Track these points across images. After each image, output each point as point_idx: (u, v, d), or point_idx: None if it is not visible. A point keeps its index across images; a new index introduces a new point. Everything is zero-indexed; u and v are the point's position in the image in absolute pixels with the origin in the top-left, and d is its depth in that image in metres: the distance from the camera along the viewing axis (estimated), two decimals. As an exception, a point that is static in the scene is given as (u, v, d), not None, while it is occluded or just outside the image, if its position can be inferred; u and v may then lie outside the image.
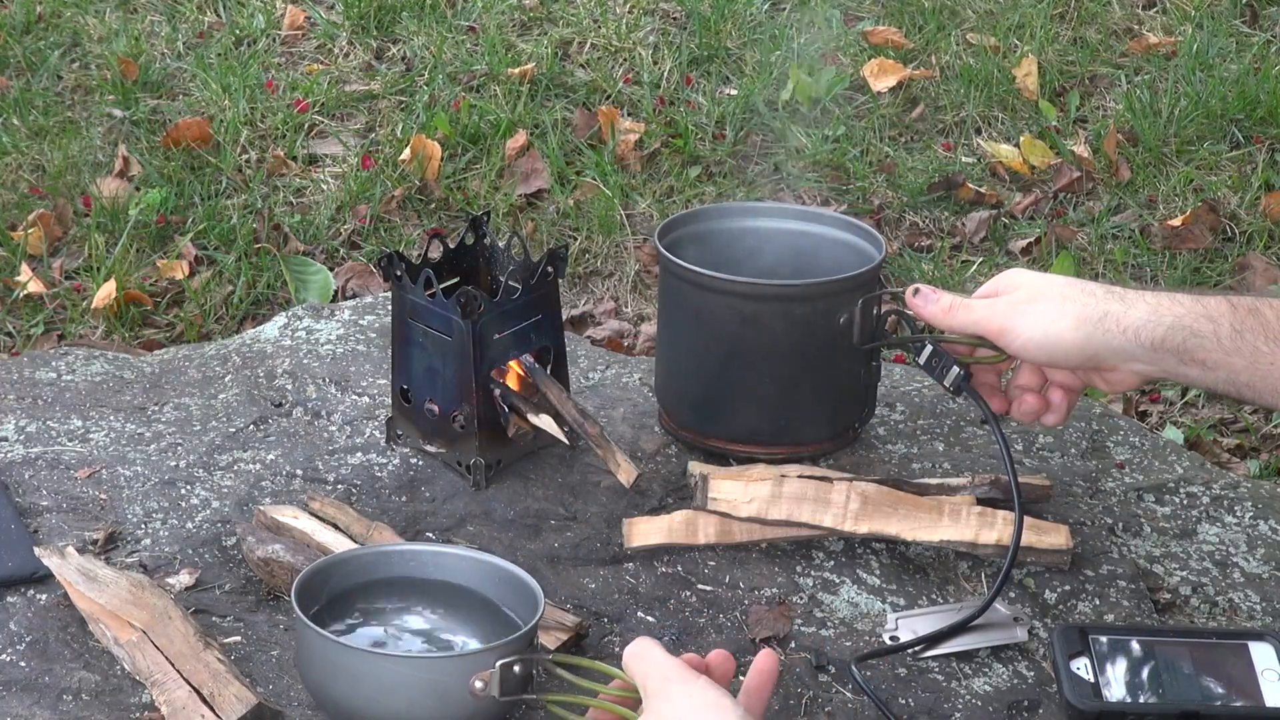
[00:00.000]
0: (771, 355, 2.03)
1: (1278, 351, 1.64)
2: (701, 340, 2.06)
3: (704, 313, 2.04)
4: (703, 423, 2.11)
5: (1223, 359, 1.65)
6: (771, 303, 2.01)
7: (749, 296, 2.01)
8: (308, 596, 1.74)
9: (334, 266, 3.66)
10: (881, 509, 1.96)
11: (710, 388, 2.07)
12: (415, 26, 4.35)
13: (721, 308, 2.02)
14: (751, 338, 2.02)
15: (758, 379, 2.05)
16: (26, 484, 2.08)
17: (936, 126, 4.10)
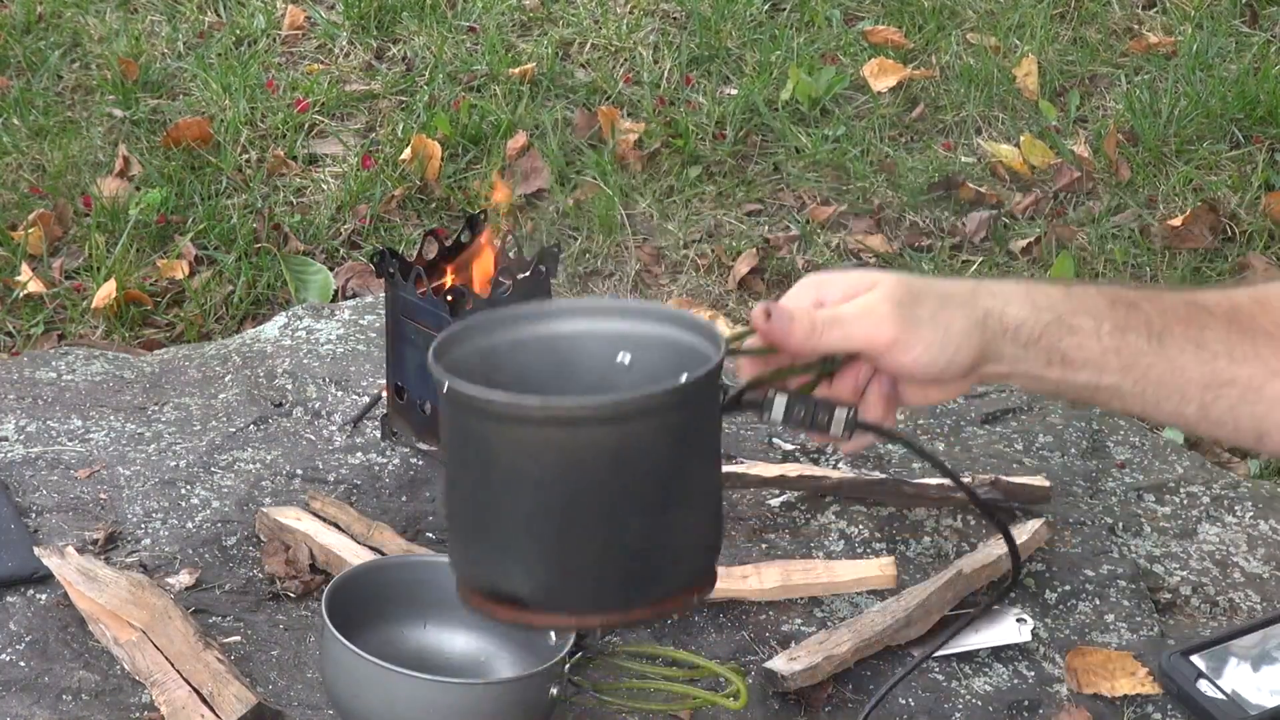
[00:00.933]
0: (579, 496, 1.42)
1: (1159, 352, 1.45)
2: (493, 485, 1.43)
3: (499, 450, 1.42)
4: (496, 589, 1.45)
5: (1096, 359, 1.45)
6: (576, 429, 1.40)
7: (546, 422, 1.40)
8: (339, 605, 1.72)
9: (334, 266, 3.66)
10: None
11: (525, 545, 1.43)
12: (415, 26, 4.35)
13: (515, 440, 1.41)
14: (538, 473, 1.41)
15: (570, 528, 1.43)
16: (26, 484, 2.08)
17: (936, 126, 4.10)
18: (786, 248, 3.70)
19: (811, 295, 1.46)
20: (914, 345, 1.42)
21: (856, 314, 1.43)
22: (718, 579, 1.85)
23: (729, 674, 1.79)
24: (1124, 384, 1.45)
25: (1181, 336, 1.44)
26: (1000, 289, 1.46)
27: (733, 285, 3.61)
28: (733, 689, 1.77)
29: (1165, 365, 1.44)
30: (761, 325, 1.44)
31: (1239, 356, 1.44)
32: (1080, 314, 1.45)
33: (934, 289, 1.45)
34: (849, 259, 3.67)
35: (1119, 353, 1.44)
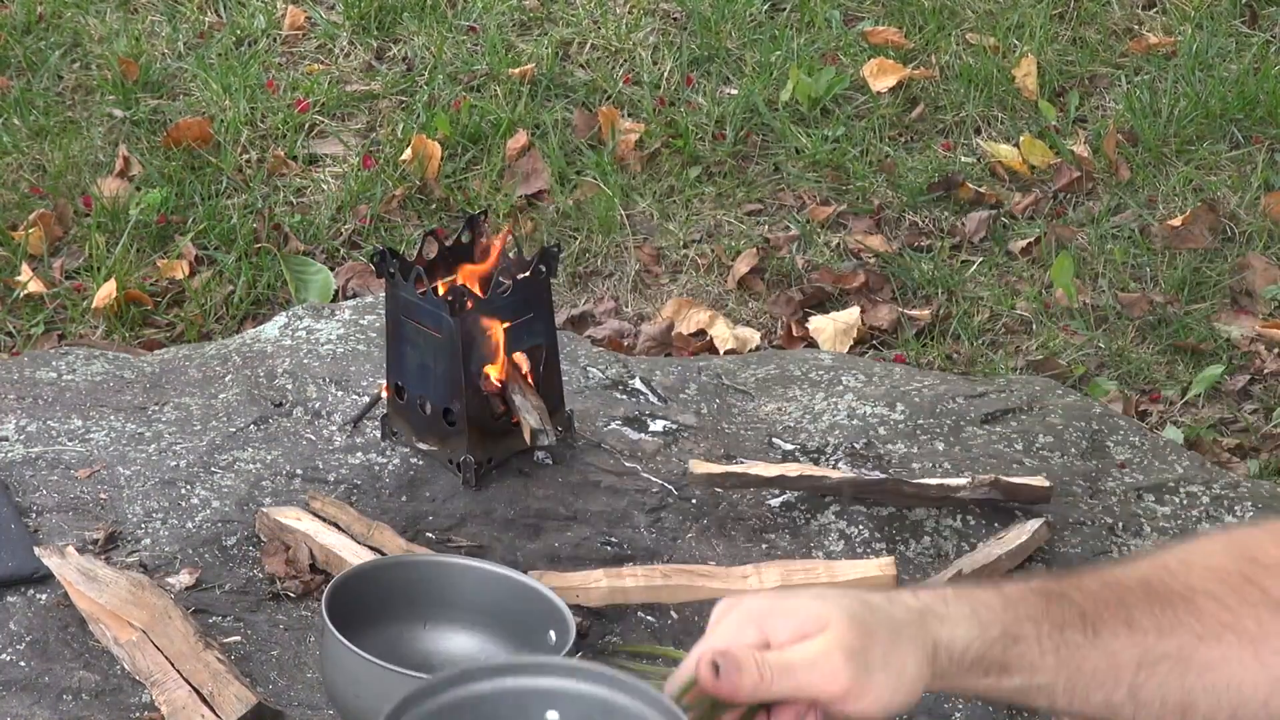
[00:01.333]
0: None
1: (1094, 643, 1.40)
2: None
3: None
4: None
5: (1035, 662, 1.40)
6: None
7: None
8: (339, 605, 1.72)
9: (334, 266, 3.66)
10: None
11: None
12: (415, 26, 4.35)
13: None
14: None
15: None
16: (26, 484, 2.08)
17: (936, 126, 4.10)
18: (786, 248, 3.70)
19: (754, 633, 1.40)
20: (866, 694, 1.36)
21: (808, 662, 1.36)
22: (717, 579, 1.85)
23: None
24: (1057, 682, 1.40)
25: (1113, 620, 1.40)
26: (946, 612, 1.41)
27: (732, 285, 3.61)
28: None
29: (1100, 654, 1.40)
30: (709, 681, 1.38)
31: (1165, 628, 1.40)
32: (1023, 621, 1.41)
33: (884, 625, 1.39)
34: (849, 259, 3.67)
35: (1057, 652, 1.40)
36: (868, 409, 2.28)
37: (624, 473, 2.14)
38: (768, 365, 2.43)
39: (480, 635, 1.79)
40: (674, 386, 2.35)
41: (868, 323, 3.47)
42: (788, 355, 2.63)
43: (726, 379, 2.38)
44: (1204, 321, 3.50)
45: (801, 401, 2.32)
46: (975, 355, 3.41)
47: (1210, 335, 3.46)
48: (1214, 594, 1.40)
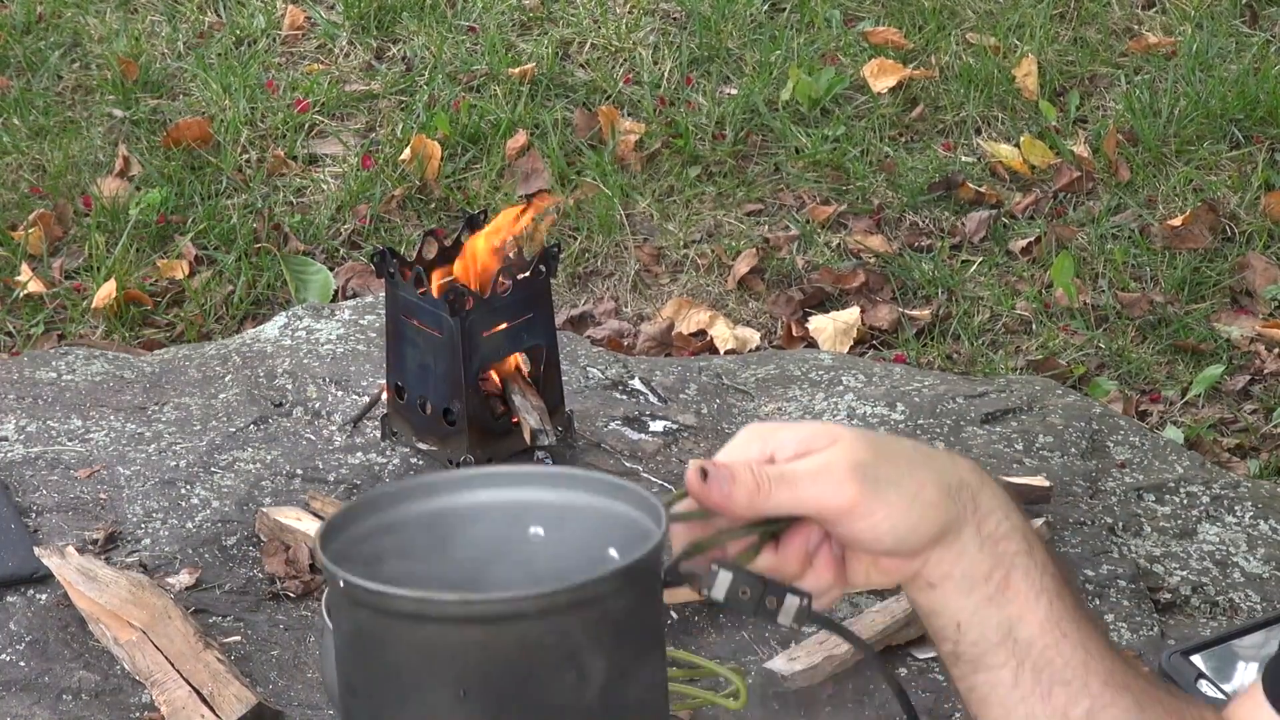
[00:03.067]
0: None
1: (1078, 625, 1.28)
2: (404, 694, 1.24)
3: (411, 654, 1.23)
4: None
5: (1030, 597, 1.27)
6: (501, 626, 1.21)
7: (452, 620, 1.20)
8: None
9: (334, 266, 3.66)
10: None
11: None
12: (415, 26, 4.35)
13: (430, 643, 1.22)
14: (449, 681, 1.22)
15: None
16: (26, 484, 2.08)
17: (936, 126, 4.10)
18: (786, 248, 3.70)
19: (758, 448, 1.26)
20: (875, 511, 1.23)
21: (810, 473, 1.24)
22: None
23: (729, 674, 1.79)
24: (1034, 646, 1.27)
25: (1091, 623, 1.28)
26: (976, 466, 1.29)
27: (732, 285, 3.61)
28: (733, 689, 1.77)
29: (1077, 641, 1.28)
30: (697, 488, 1.24)
31: (1123, 668, 1.29)
32: (1036, 541, 1.28)
33: (901, 449, 1.27)
34: (849, 259, 3.67)
35: (1051, 603, 1.27)
36: (868, 409, 2.28)
37: (624, 473, 2.14)
38: (768, 365, 2.43)
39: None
40: (674, 386, 2.35)
41: (868, 323, 3.47)
42: (788, 355, 2.63)
43: (726, 379, 2.38)
44: (1204, 321, 3.50)
45: (801, 401, 2.32)
46: (975, 355, 3.41)
47: (1210, 335, 3.46)
48: (1147, 678, 1.30)
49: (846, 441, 1.24)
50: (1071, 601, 1.28)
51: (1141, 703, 1.29)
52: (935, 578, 1.27)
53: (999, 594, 1.27)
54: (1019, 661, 1.27)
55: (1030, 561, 1.27)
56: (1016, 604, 1.27)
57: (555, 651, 1.18)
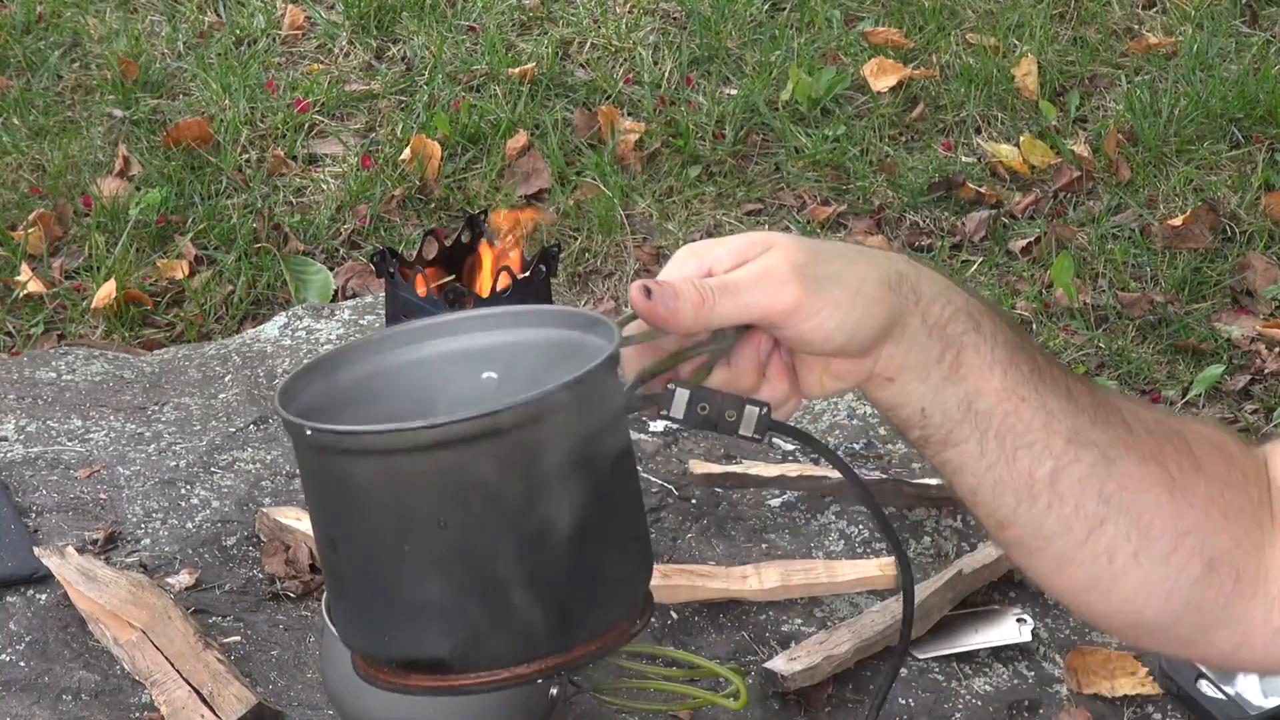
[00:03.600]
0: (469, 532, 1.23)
1: (1038, 386, 1.28)
2: (385, 535, 1.23)
3: (386, 492, 1.23)
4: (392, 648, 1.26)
5: (983, 371, 1.27)
6: (472, 446, 1.20)
7: (420, 448, 1.20)
8: None
9: (334, 266, 3.66)
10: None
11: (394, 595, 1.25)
12: (415, 26, 4.35)
13: (382, 478, 1.22)
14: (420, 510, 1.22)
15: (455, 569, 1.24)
16: (26, 484, 2.08)
17: (936, 126, 4.09)
18: (786, 248, 3.70)
19: (695, 265, 1.26)
20: (820, 308, 1.23)
21: (751, 279, 1.23)
22: (718, 579, 1.85)
23: (729, 674, 1.79)
24: (995, 414, 1.28)
25: (1053, 380, 1.29)
26: (912, 259, 1.28)
27: (733, 285, 3.61)
28: (733, 689, 1.77)
29: (1038, 404, 1.29)
30: (642, 305, 1.22)
31: (1099, 420, 1.30)
32: (982, 313, 1.29)
33: (838, 248, 1.26)
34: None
35: (1005, 372, 1.28)
36: (868, 409, 2.28)
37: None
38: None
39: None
40: (674, 386, 2.34)
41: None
42: (788, 355, 2.63)
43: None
44: (1204, 321, 3.50)
45: (801, 401, 2.31)
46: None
47: (1210, 335, 3.46)
48: (1145, 423, 1.31)
49: (781, 245, 1.25)
50: (1027, 368, 1.29)
51: (1110, 455, 1.29)
52: (891, 371, 1.28)
53: (953, 374, 1.28)
54: (982, 432, 1.29)
55: (979, 338, 1.28)
56: (971, 379, 1.28)
57: (529, 467, 1.18)
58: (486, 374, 1.29)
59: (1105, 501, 1.29)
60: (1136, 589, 1.30)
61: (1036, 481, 1.28)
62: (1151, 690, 1.87)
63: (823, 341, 1.25)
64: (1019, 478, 1.29)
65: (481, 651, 1.21)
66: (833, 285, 1.23)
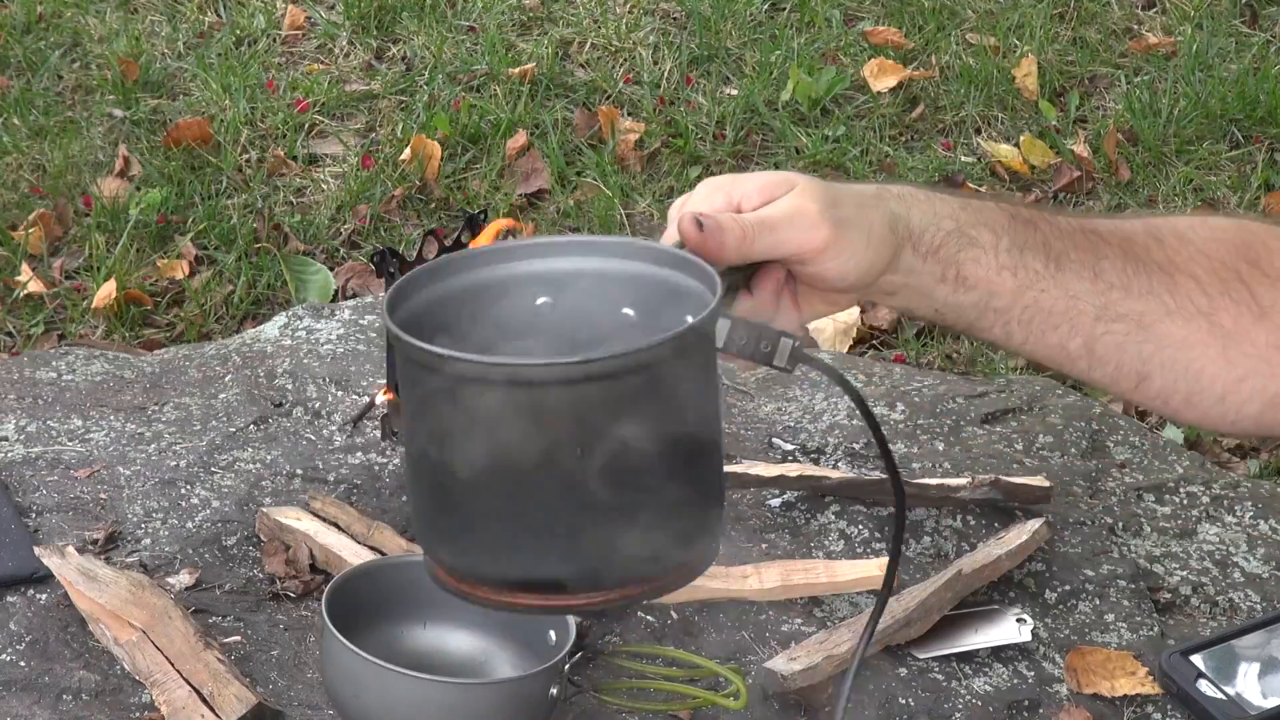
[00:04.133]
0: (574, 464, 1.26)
1: (1055, 277, 1.35)
2: (515, 461, 1.27)
3: (522, 423, 1.26)
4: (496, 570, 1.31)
5: (991, 277, 1.35)
6: (613, 382, 1.25)
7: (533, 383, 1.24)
8: (339, 605, 1.71)
9: (334, 266, 3.66)
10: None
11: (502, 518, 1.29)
12: (415, 26, 4.35)
13: (529, 409, 1.25)
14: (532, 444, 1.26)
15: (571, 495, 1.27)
16: (26, 484, 2.08)
17: (936, 126, 4.09)
18: (786, 248, 3.70)
19: (722, 198, 1.34)
20: (843, 250, 1.32)
21: (786, 218, 1.32)
22: (717, 579, 1.85)
23: (729, 674, 1.79)
24: (1014, 308, 1.36)
25: (1078, 263, 1.36)
26: (901, 192, 1.37)
27: (733, 285, 3.61)
28: (733, 689, 1.77)
29: (1059, 292, 1.36)
30: (694, 236, 1.30)
31: (1134, 291, 1.36)
32: (979, 226, 1.37)
33: (847, 190, 1.35)
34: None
35: (1015, 273, 1.35)
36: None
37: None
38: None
39: (480, 635, 1.79)
40: (674, 386, 2.34)
41: (867, 322, 3.47)
42: (788, 355, 2.63)
43: (726, 378, 2.38)
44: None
45: (801, 401, 2.32)
46: (975, 355, 3.41)
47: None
48: (1198, 278, 1.36)
49: (804, 186, 1.33)
50: (1040, 263, 1.36)
51: (1145, 321, 1.36)
52: (891, 288, 1.37)
53: (959, 285, 1.36)
54: (1005, 321, 1.37)
55: (977, 251, 1.36)
56: (981, 285, 1.36)
57: (661, 399, 1.25)
58: (541, 299, 1.35)
59: (1145, 361, 1.36)
60: (1199, 419, 1.39)
61: (1071, 351, 1.37)
62: (1151, 690, 1.87)
63: (838, 279, 1.34)
64: (1052, 349, 1.37)
65: (600, 574, 1.26)
66: (852, 229, 1.32)
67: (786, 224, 1.32)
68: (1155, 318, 1.35)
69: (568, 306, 1.35)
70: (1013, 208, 1.38)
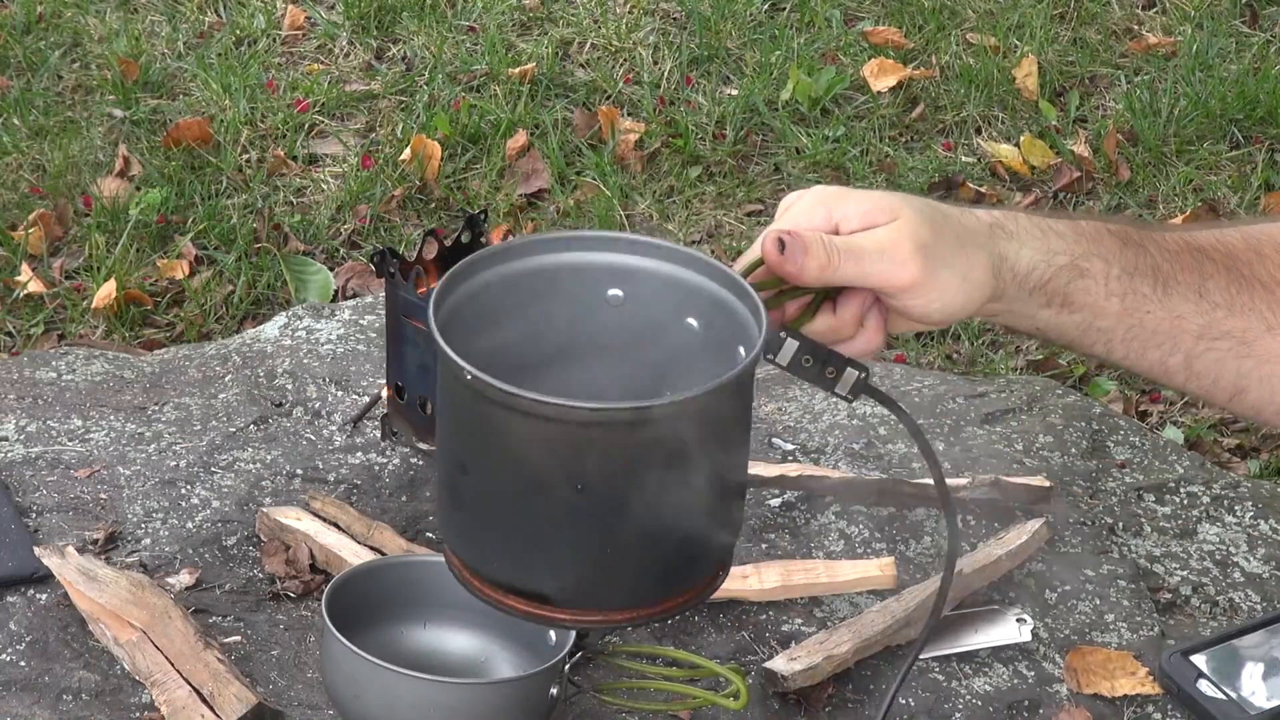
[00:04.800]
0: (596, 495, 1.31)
1: (1162, 300, 1.37)
2: (522, 482, 1.32)
3: (531, 448, 1.31)
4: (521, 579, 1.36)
5: (1099, 302, 1.37)
6: (632, 431, 1.29)
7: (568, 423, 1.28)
8: (339, 605, 1.72)
9: (334, 266, 3.66)
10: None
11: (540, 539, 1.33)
12: (415, 26, 4.35)
13: (535, 438, 1.30)
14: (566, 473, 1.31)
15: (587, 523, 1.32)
16: (26, 484, 2.08)
17: (936, 126, 4.09)
18: (786, 248, 3.70)
19: (824, 215, 1.34)
20: (931, 290, 1.33)
21: (876, 250, 1.32)
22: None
23: (729, 674, 1.79)
24: (1117, 328, 1.38)
25: (1184, 284, 1.38)
26: (1016, 229, 1.37)
27: (733, 285, 3.61)
28: (733, 689, 1.77)
29: (1164, 313, 1.38)
30: (773, 258, 1.32)
31: (1237, 308, 1.39)
32: (1092, 257, 1.37)
33: (952, 226, 1.34)
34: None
35: (1123, 298, 1.37)
36: (868, 409, 2.28)
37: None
38: (768, 365, 2.42)
39: (481, 635, 1.79)
40: (674, 386, 2.34)
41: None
42: (788, 355, 2.62)
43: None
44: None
45: (801, 401, 2.32)
46: (975, 355, 3.41)
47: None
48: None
49: (907, 218, 1.33)
50: (1148, 286, 1.38)
51: (1248, 337, 1.39)
52: (991, 314, 1.39)
53: (1065, 309, 1.38)
54: (1108, 339, 1.39)
55: (1087, 281, 1.37)
56: (1088, 308, 1.38)
57: (669, 450, 1.28)
58: (614, 291, 1.39)
59: (1243, 376, 1.39)
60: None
61: (1170, 367, 1.39)
62: (1151, 690, 1.87)
63: (922, 316, 1.35)
64: (1152, 364, 1.40)
65: (583, 596, 1.33)
66: (945, 269, 1.32)
67: (875, 256, 1.32)
68: (1256, 334, 1.38)
69: (639, 302, 1.38)
70: (1122, 230, 1.39)
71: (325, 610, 1.69)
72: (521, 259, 1.39)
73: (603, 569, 1.32)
